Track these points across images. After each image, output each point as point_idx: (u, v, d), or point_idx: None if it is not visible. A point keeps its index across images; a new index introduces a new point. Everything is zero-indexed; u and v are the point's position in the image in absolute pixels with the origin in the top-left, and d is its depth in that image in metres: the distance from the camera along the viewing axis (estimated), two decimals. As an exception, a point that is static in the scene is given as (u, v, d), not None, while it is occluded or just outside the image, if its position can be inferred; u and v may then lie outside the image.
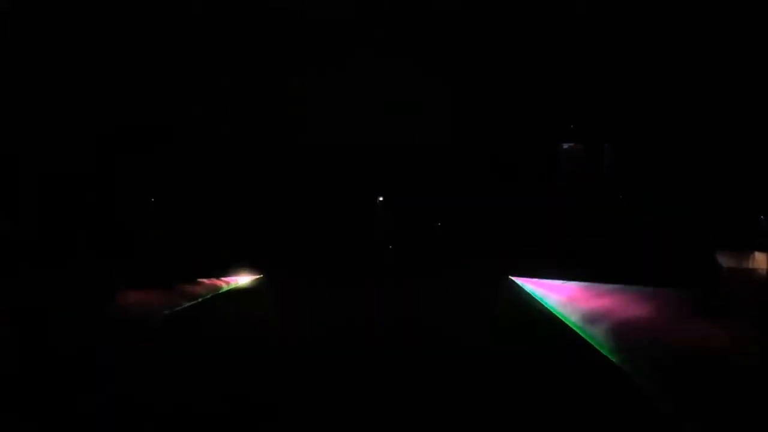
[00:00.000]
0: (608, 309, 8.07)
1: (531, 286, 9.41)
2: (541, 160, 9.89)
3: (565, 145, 9.89)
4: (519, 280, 9.50)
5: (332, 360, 6.61)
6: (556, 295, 9.08)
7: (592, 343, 7.33)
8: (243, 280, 9.62)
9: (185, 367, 6.32)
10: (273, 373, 6.22)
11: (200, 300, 8.88)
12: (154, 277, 8.73)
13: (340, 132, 9.71)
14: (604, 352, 6.98)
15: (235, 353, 6.80)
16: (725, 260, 9.03)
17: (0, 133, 9.07)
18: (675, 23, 9.24)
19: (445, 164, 9.79)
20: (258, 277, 9.66)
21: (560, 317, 8.37)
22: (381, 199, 9.90)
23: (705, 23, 9.10)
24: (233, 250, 9.47)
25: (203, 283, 9.33)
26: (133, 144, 9.67)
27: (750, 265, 9.00)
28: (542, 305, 8.93)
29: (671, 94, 9.45)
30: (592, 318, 7.94)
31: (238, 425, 5.21)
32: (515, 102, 9.69)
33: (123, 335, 7.14)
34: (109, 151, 9.60)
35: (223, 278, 9.56)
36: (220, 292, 9.39)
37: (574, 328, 7.91)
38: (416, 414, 5.44)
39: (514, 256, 9.48)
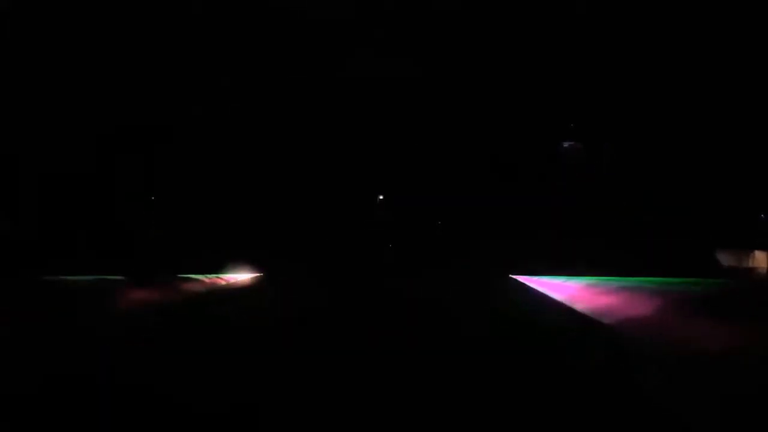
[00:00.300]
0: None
1: (532, 284, 9.42)
2: (541, 160, 9.89)
3: (565, 144, 9.90)
4: (520, 279, 9.52)
5: (330, 359, 6.60)
6: (556, 293, 9.10)
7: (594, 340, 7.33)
8: (242, 277, 9.62)
9: (183, 367, 6.32)
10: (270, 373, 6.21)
11: (199, 298, 8.87)
12: (154, 275, 8.74)
13: (338, 130, 9.71)
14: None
15: (237, 352, 6.80)
16: (725, 259, 9.04)
17: (0, 133, 9.08)
18: (674, 23, 9.25)
19: (446, 164, 9.79)
20: (257, 275, 9.66)
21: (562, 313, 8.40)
22: (381, 197, 9.90)
23: (704, 23, 9.11)
24: (232, 247, 9.46)
25: (203, 281, 9.33)
26: (133, 144, 9.66)
27: (750, 264, 9.03)
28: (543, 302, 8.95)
29: (671, 93, 9.46)
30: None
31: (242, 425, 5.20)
32: (515, 101, 9.69)
33: (122, 334, 7.14)
34: (109, 151, 9.60)
35: (222, 276, 9.54)
36: (218, 289, 9.37)
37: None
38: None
39: (515, 254, 9.49)
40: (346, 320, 8.07)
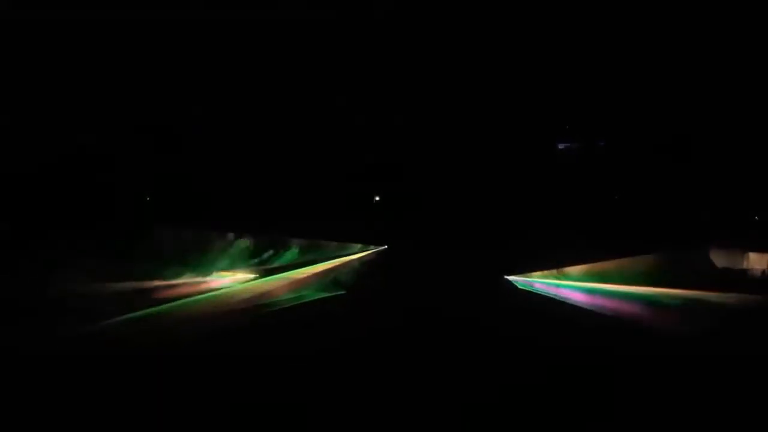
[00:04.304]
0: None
1: (528, 284, 9.46)
2: (538, 161, 9.89)
3: (561, 145, 9.91)
4: (516, 279, 9.52)
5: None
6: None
7: None
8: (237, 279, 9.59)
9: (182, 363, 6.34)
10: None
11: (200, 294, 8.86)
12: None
13: (336, 127, 9.69)
14: None
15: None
16: (720, 260, 9.07)
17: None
18: (672, 21, 9.26)
19: (443, 165, 9.78)
20: (255, 276, 9.63)
21: None
22: (377, 198, 9.89)
23: (703, 22, 9.12)
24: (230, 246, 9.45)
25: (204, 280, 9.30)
26: (132, 143, 9.65)
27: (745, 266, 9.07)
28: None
29: (669, 93, 9.48)
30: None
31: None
32: (513, 102, 9.70)
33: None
34: (104, 150, 9.59)
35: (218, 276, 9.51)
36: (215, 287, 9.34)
37: None
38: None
39: (512, 256, 9.49)
40: (341, 319, 8.07)
